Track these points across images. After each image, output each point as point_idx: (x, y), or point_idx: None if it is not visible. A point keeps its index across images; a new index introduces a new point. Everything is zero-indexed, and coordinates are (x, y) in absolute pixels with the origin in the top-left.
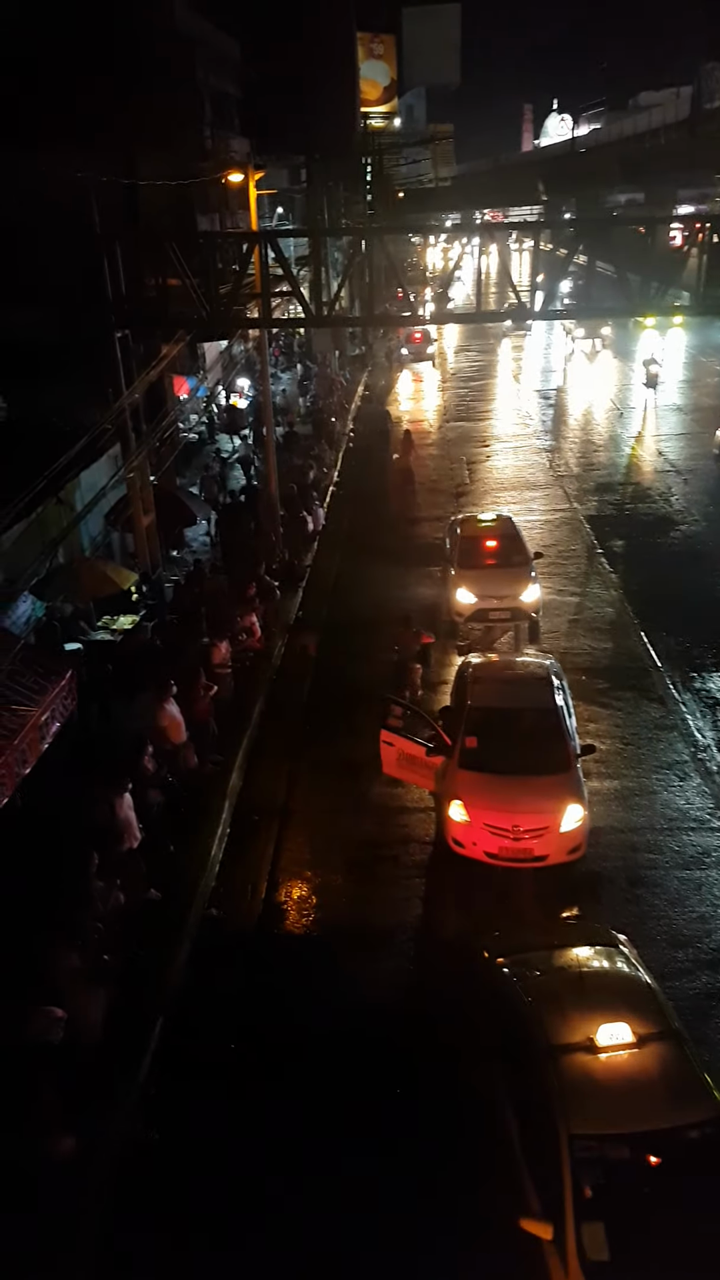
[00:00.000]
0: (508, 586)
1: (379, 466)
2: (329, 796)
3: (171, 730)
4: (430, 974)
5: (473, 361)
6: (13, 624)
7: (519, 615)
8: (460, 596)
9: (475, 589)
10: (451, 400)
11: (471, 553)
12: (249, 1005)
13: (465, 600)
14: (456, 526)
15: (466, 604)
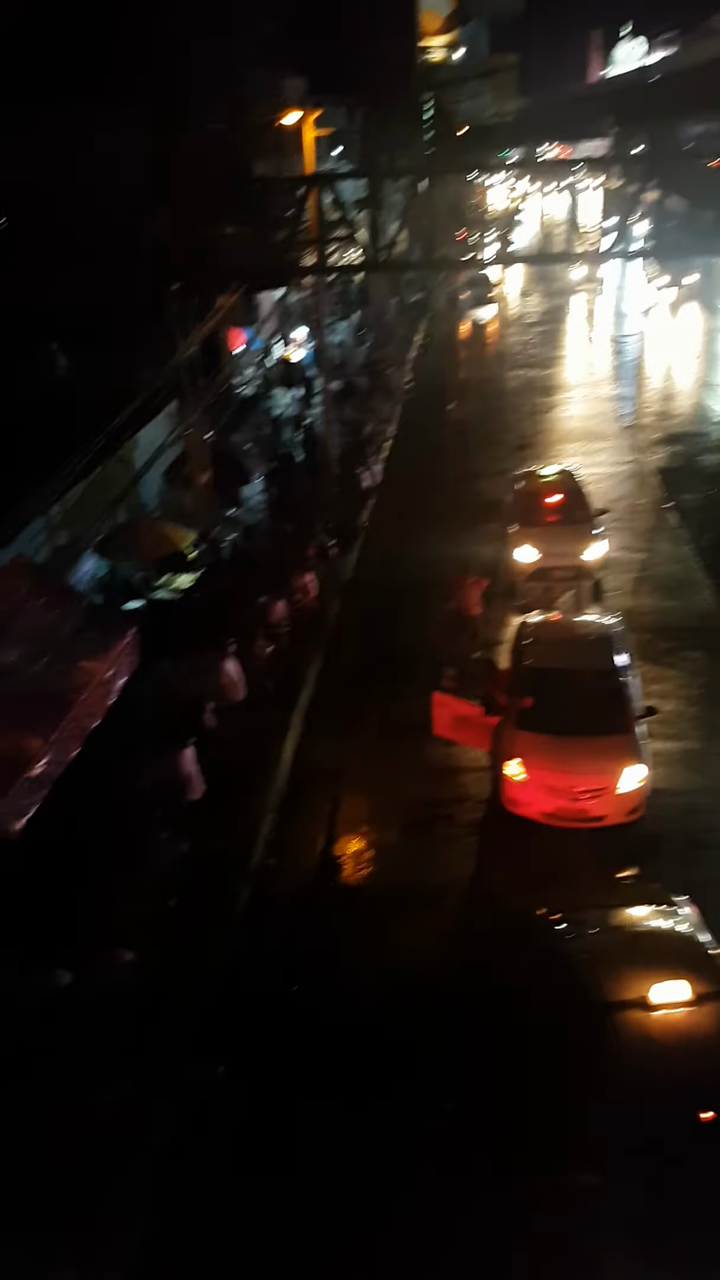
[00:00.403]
0: (570, 544)
1: (438, 419)
2: (384, 755)
3: (230, 688)
4: (483, 930)
5: (538, 306)
6: (77, 582)
7: (582, 574)
8: (520, 555)
9: (536, 547)
10: (515, 347)
11: (532, 509)
12: (305, 952)
13: (525, 559)
14: (517, 481)
15: (527, 562)
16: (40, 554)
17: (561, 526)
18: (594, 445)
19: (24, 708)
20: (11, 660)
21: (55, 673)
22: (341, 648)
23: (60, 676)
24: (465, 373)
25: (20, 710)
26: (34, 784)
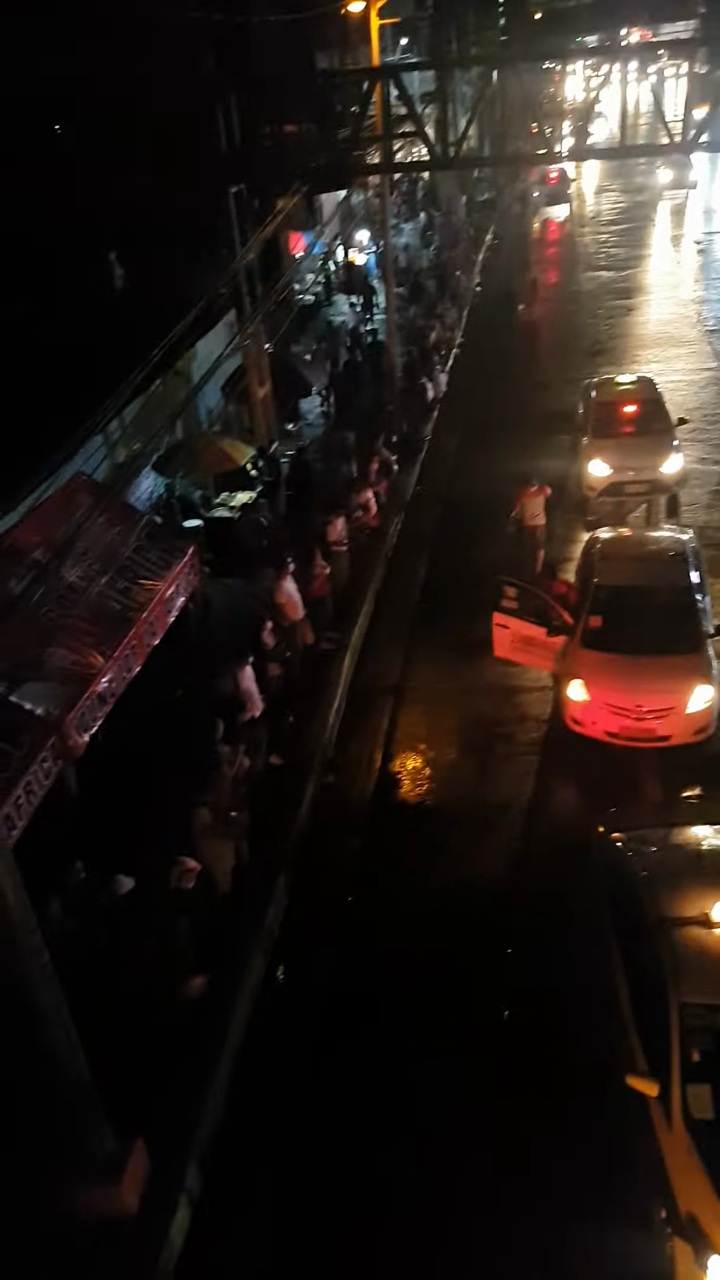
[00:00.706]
0: (646, 457)
1: (507, 324)
2: (444, 674)
3: (289, 607)
4: (544, 847)
5: (616, 204)
6: (136, 500)
7: (658, 488)
8: (593, 468)
9: (610, 460)
10: (590, 248)
11: (607, 420)
12: (365, 866)
13: (599, 472)
14: (591, 390)
15: (600, 476)
16: (99, 472)
17: (638, 438)
18: (673, 351)
19: (87, 626)
20: (74, 579)
21: (116, 591)
22: (402, 566)
23: (121, 595)
24: (537, 275)
25: (84, 628)
26: (98, 700)
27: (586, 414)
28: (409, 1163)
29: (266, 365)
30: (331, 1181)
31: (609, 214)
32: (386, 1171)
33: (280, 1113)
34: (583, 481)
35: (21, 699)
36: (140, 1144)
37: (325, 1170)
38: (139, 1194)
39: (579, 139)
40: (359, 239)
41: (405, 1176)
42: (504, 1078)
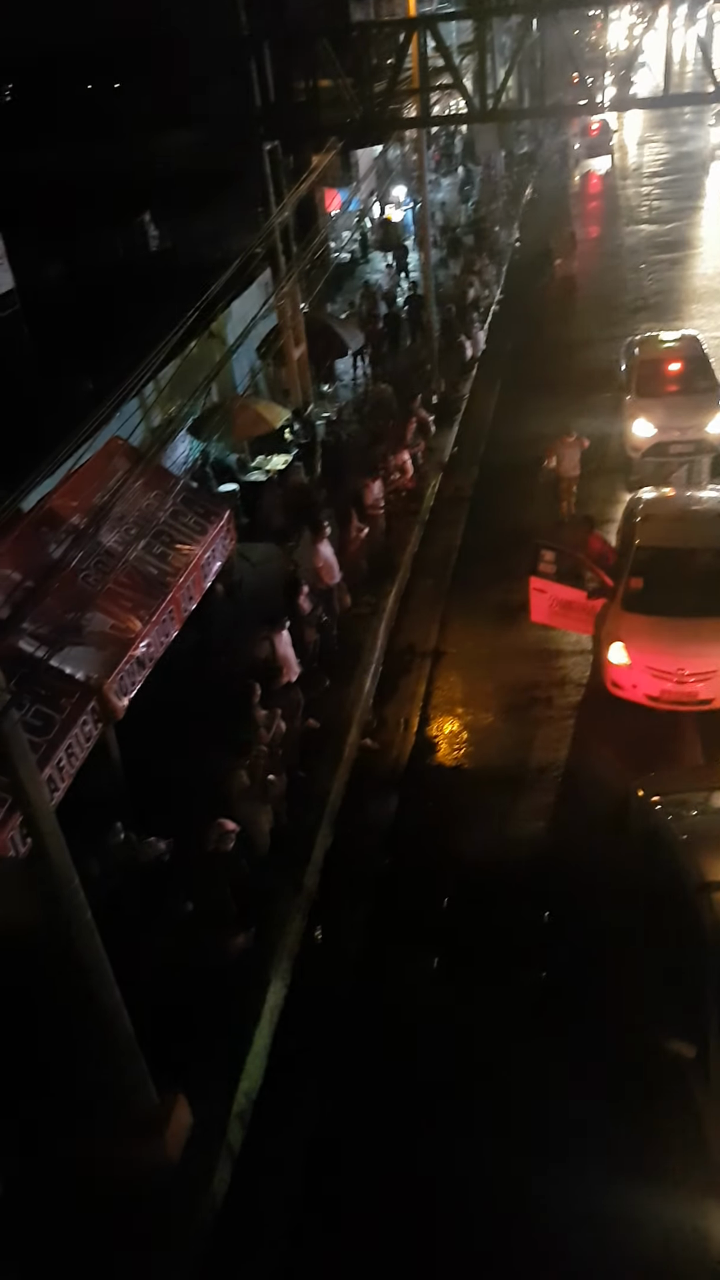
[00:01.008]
0: (692, 416)
1: (547, 280)
2: (481, 637)
3: (325, 571)
4: (582, 811)
5: (659, 156)
6: (172, 464)
7: (703, 448)
8: (637, 429)
9: (655, 419)
10: (633, 201)
11: (651, 378)
12: (402, 828)
13: (643, 433)
14: (634, 348)
15: (644, 437)
16: (135, 435)
17: (682, 397)
18: (718, 307)
19: (125, 590)
20: (111, 543)
21: (154, 555)
22: (439, 528)
23: (158, 559)
24: (575, 228)
25: (122, 592)
26: (137, 664)
27: (629, 372)
28: (444, 1131)
29: (301, 325)
30: (365, 1143)
31: (652, 166)
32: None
33: (319, 1067)
34: (626, 442)
35: (62, 663)
36: (182, 1098)
37: (361, 1129)
38: (181, 1148)
39: (621, 89)
40: (396, 195)
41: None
42: (543, 1036)
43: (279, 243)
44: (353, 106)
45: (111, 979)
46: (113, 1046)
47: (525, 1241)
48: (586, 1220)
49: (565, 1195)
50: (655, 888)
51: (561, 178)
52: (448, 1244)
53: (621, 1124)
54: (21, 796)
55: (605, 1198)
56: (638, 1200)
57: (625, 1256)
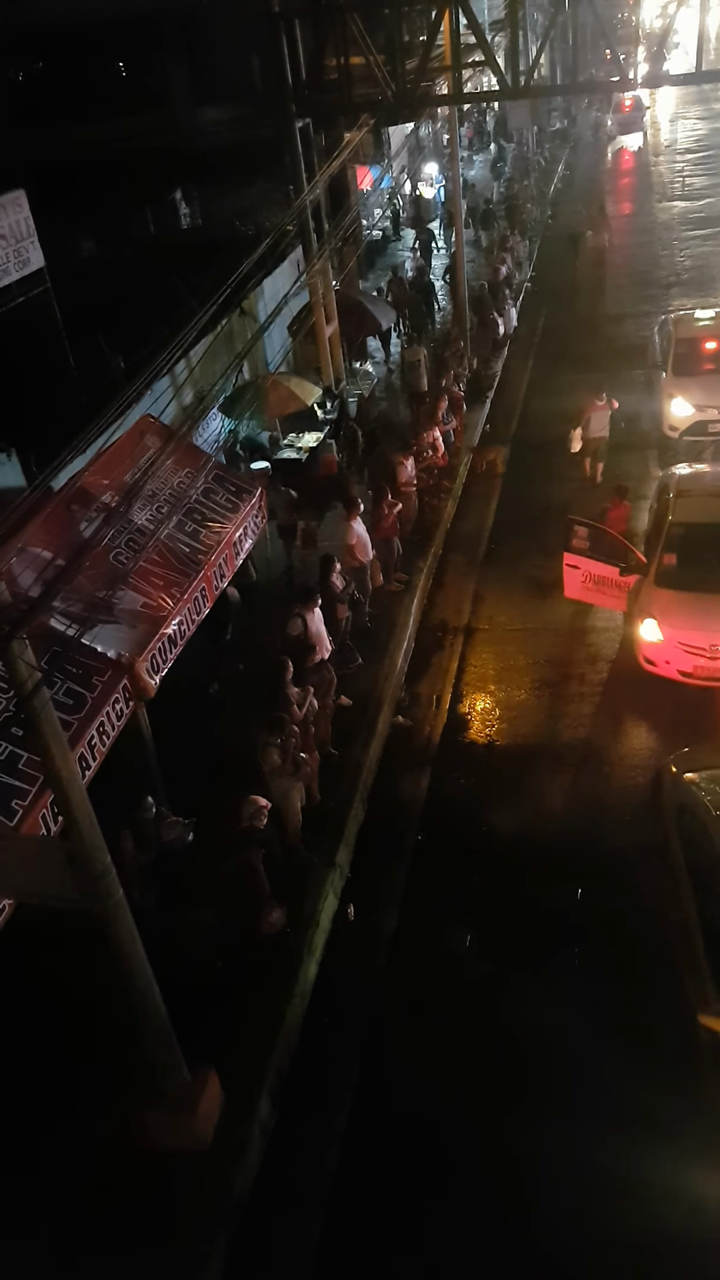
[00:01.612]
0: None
1: (579, 256)
2: (513, 614)
3: (358, 549)
4: (614, 787)
5: (693, 131)
6: (204, 443)
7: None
8: (676, 408)
9: (694, 398)
10: (666, 177)
11: (688, 356)
12: (434, 804)
13: (681, 412)
14: (669, 325)
15: (683, 416)
16: (167, 413)
17: (717, 375)
18: None
19: (157, 568)
20: (142, 521)
21: (185, 534)
22: (471, 504)
23: (190, 537)
24: (610, 204)
25: (153, 570)
26: (169, 642)
27: (665, 350)
28: (476, 1105)
29: (333, 303)
30: (399, 1118)
31: (685, 142)
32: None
33: (352, 1043)
34: (663, 421)
35: (94, 641)
36: (214, 1076)
37: (395, 1103)
38: (213, 1125)
39: (654, 65)
40: (428, 172)
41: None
42: (578, 1011)
43: (310, 220)
44: (385, 84)
45: (144, 957)
46: (145, 1025)
47: (562, 1211)
48: (623, 1192)
49: (601, 1167)
50: (689, 864)
51: (594, 154)
52: (483, 1218)
53: (658, 1099)
54: (53, 775)
55: (642, 1171)
56: (665, 1174)
57: (649, 1226)
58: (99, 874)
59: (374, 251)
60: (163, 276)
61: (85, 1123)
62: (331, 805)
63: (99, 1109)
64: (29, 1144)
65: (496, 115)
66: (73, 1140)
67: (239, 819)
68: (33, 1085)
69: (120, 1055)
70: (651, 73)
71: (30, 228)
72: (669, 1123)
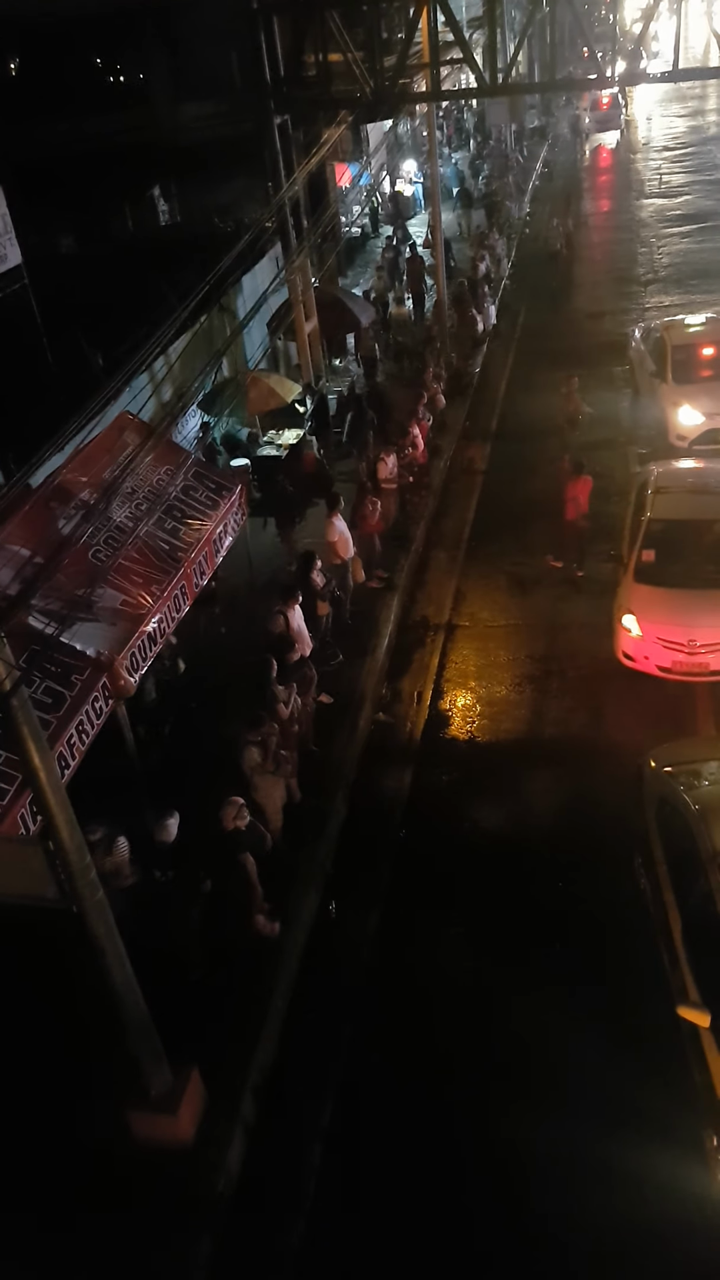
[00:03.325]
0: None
1: (559, 273)
2: (495, 610)
3: (339, 546)
4: (594, 782)
5: (670, 129)
6: (184, 440)
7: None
8: (684, 417)
9: (701, 405)
10: (645, 174)
11: (687, 363)
12: (416, 801)
13: (690, 420)
14: (657, 331)
15: (691, 425)
16: (145, 410)
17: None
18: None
19: (136, 566)
20: (121, 518)
21: (165, 531)
22: (453, 501)
23: (170, 534)
24: (589, 203)
25: (133, 568)
26: (148, 639)
27: (661, 358)
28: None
29: (313, 299)
30: (382, 1115)
31: (663, 140)
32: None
33: (334, 1040)
34: (670, 430)
35: (72, 639)
36: (196, 1075)
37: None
38: (195, 1124)
39: (631, 63)
40: (406, 169)
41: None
42: (559, 1004)
43: (289, 217)
44: (363, 81)
45: (124, 956)
46: (127, 1023)
47: (549, 1207)
48: (602, 1184)
49: (583, 1161)
50: (668, 857)
51: (572, 152)
52: (466, 1215)
53: (637, 1090)
54: (32, 774)
55: (618, 1162)
56: (649, 1165)
57: (631, 1217)
58: (78, 874)
59: (353, 249)
60: (142, 273)
61: (69, 1120)
62: (313, 803)
63: (82, 1106)
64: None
65: (475, 112)
66: (56, 1137)
67: (223, 822)
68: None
69: (107, 1053)
70: (628, 71)
71: (7, 224)
72: (653, 1115)
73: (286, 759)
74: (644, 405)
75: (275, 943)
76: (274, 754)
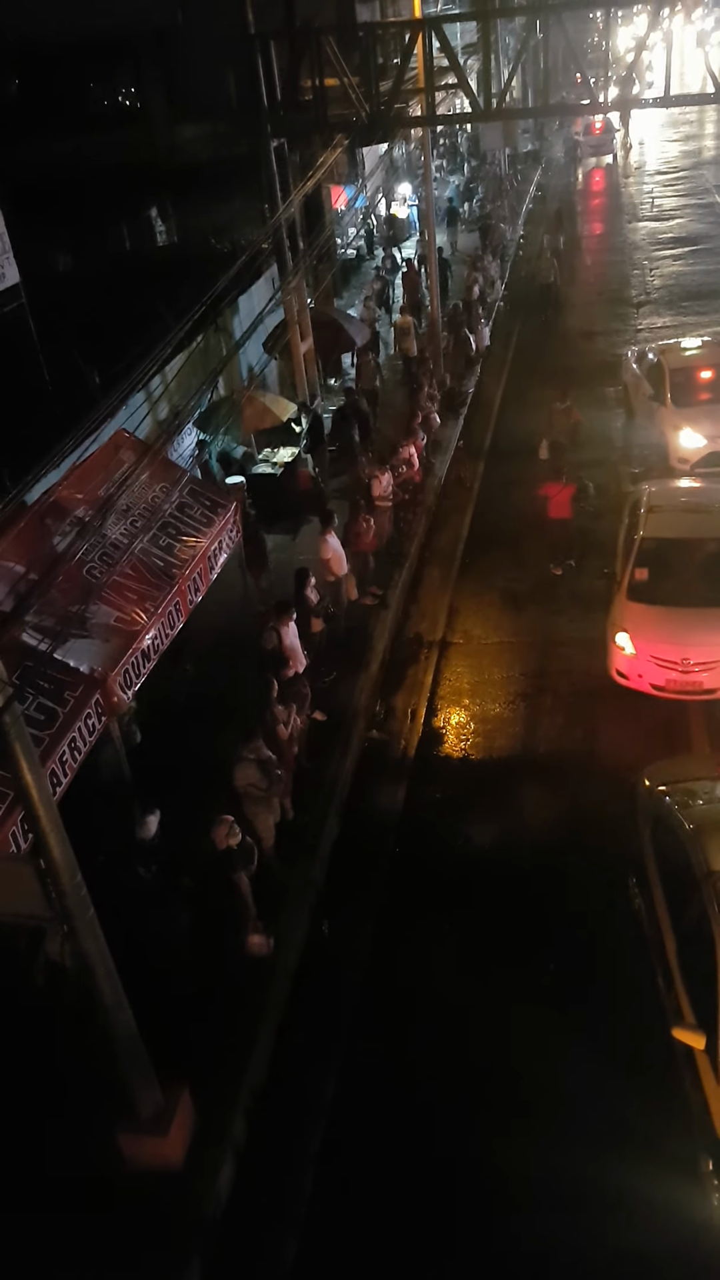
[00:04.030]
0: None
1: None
2: (488, 628)
3: (333, 563)
4: (588, 801)
5: (662, 153)
6: (179, 457)
7: None
8: (685, 440)
9: (703, 429)
10: (636, 197)
11: (686, 387)
12: (409, 818)
13: (692, 444)
14: (653, 356)
15: (693, 448)
16: (141, 428)
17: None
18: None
19: (131, 582)
20: (116, 535)
21: (159, 548)
22: (446, 519)
23: (164, 551)
24: (582, 226)
25: (127, 585)
26: (143, 656)
27: (659, 381)
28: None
29: (308, 320)
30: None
31: (654, 164)
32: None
33: (326, 1060)
34: (671, 454)
35: (66, 656)
36: (186, 1096)
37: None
38: (185, 1145)
39: (624, 88)
40: (401, 192)
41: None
42: (553, 1026)
43: (285, 238)
44: (359, 104)
45: (115, 975)
46: (116, 1043)
47: (533, 1227)
48: (594, 1207)
49: (576, 1183)
50: (663, 876)
51: (566, 176)
52: (458, 1236)
53: (632, 1113)
54: (24, 791)
55: (612, 1185)
56: (643, 1188)
57: (625, 1242)
58: (69, 892)
59: (349, 270)
60: (138, 292)
61: (57, 1142)
62: (306, 820)
63: (73, 1129)
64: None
65: (469, 137)
66: (45, 1159)
67: (215, 842)
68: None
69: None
70: (621, 96)
71: (5, 243)
72: (647, 1138)
73: (280, 777)
74: (638, 426)
75: (267, 961)
76: (269, 772)
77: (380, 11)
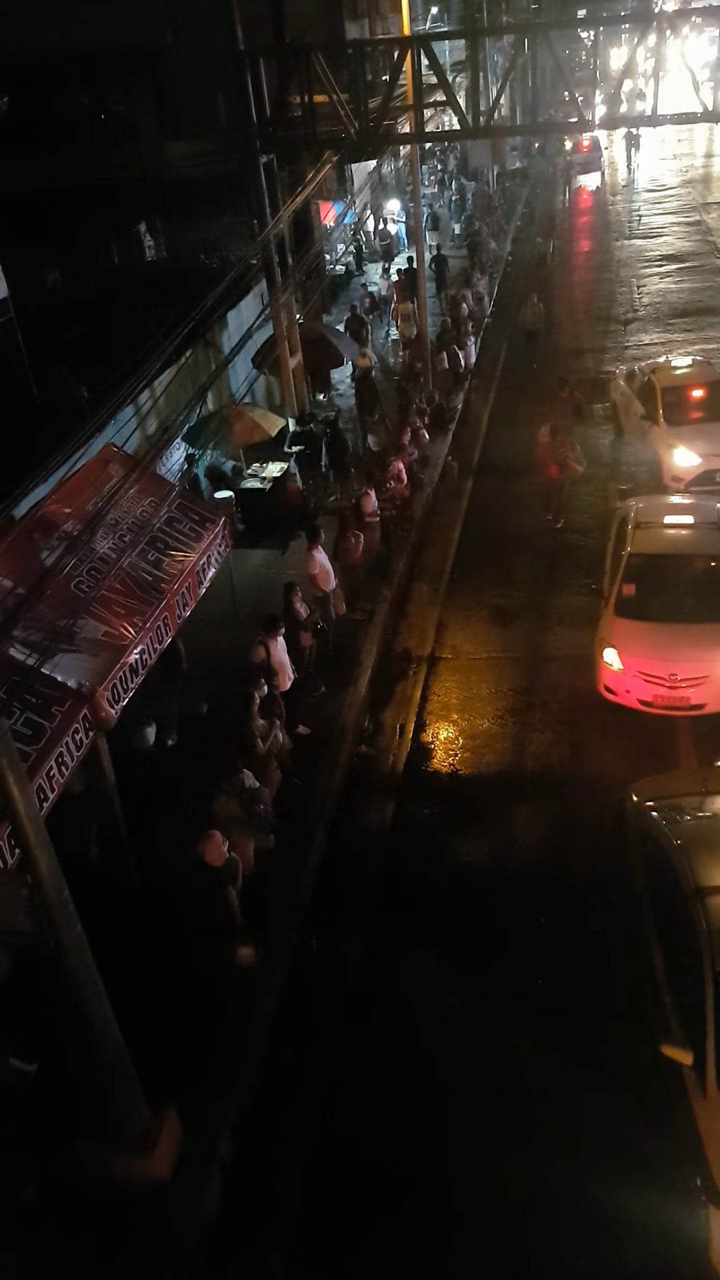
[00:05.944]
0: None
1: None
2: (477, 643)
3: (321, 578)
4: (576, 816)
5: (650, 171)
6: (168, 472)
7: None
8: (679, 458)
9: (697, 448)
10: (624, 215)
11: (678, 405)
12: (398, 834)
13: (686, 462)
14: (643, 375)
15: (688, 466)
16: (130, 443)
17: (713, 423)
18: (707, 320)
19: (119, 597)
20: (104, 549)
21: (148, 562)
22: (435, 534)
23: (153, 566)
24: (569, 243)
25: (116, 599)
26: (130, 671)
27: (650, 400)
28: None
29: (297, 335)
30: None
31: (641, 182)
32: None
33: (314, 1077)
34: (665, 472)
35: (54, 670)
36: (173, 1113)
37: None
38: (172, 1162)
39: (611, 106)
40: (390, 208)
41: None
42: (542, 1041)
43: (274, 254)
44: (348, 122)
45: (102, 991)
46: (103, 1060)
47: (527, 1245)
48: (587, 1223)
49: (566, 1201)
50: (651, 892)
51: (554, 193)
52: (449, 1255)
53: (620, 1129)
54: (10, 806)
55: (603, 1201)
56: (631, 1207)
57: (619, 1259)
58: (56, 908)
59: (337, 286)
60: (128, 308)
61: (46, 1158)
62: (295, 836)
63: (60, 1145)
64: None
65: (458, 154)
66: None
67: (203, 858)
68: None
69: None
70: (609, 114)
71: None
72: (635, 1155)
73: (263, 812)
74: (628, 445)
75: (255, 977)
76: (250, 796)
77: (369, 29)
